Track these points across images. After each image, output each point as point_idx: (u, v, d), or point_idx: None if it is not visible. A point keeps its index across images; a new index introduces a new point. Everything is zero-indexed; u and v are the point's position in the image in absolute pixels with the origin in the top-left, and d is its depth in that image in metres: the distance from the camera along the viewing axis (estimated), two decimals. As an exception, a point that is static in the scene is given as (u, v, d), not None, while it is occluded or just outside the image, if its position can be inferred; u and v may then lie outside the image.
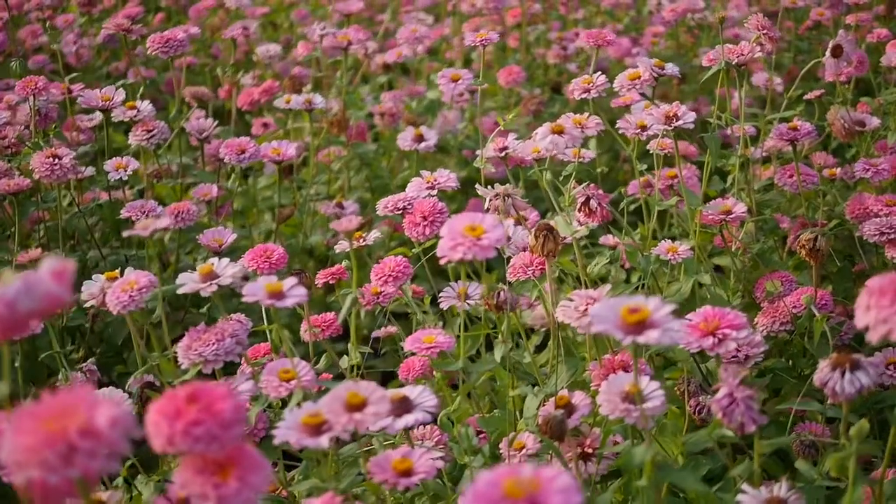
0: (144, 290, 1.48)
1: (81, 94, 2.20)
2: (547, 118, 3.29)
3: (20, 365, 1.96)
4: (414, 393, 1.35)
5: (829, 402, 1.37)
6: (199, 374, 1.44)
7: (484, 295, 1.60)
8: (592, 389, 1.56)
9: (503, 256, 1.92)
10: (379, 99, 3.15)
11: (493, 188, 1.74)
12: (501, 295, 1.54)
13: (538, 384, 1.63)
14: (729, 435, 1.35)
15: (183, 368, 1.44)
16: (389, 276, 1.78)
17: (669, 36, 3.81)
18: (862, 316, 1.09)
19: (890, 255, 2.08)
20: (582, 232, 1.65)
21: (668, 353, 1.92)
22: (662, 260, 1.95)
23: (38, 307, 0.87)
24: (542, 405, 1.57)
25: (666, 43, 3.76)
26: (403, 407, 1.34)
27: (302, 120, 2.95)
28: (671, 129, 1.79)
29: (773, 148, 2.39)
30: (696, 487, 1.34)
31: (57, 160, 2.06)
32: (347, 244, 1.95)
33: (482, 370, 1.54)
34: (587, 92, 2.05)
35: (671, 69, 2.16)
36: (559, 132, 1.62)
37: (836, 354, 1.32)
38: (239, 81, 3.39)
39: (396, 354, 2.03)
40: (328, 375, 1.93)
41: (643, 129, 1.97)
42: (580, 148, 2.16)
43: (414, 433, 1.68)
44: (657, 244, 1.98)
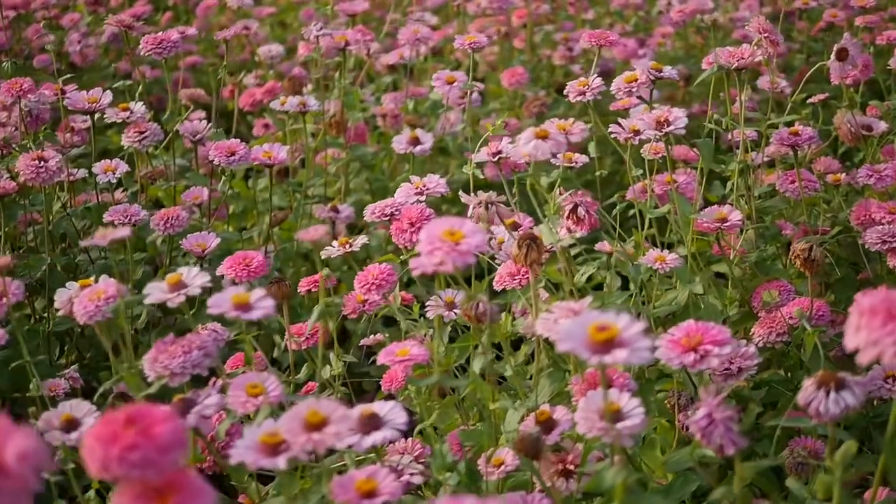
0: (112, 300, 1.44)
1: (68, 96, 2.16)
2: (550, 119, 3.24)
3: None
4: (384, 409, 1.31)
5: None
6: (166, 387, 1.40)
7: (462, 305, 1.55)
8: (574, 404, 1.51)
9: (496, 265, 1.88)
10: (381, 100, 3.10)
11: (476, 195, 1.70)
12: (481, 306, 1.49)
13: (521, 397, 1.59)
14: (712, 454, 1.30)
15: (149, 381, 1.40)
16: (373, 284, 1.74)
17: (679, 37, 3.75)
18: (852, 337, 1.04)
19: (892, 263, 2.03)
20: (566, 242, 1.60)
21: (660, 364, 1.88)
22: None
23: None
24: (523, 420, 1.52)
25: (674, 44, 3.70)
26: (372, 424, 1.29)
27: (302, 121, 2.91)
28: (662, 134, 1.74)
29: (775, 153, 2.34)
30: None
31: (43, 163, 2.02)
32: (333, 250, 1.92)
33: (458, 384, 1.49)
34: (583, 94, 2.00)
35: (669, 72, 2.11)
36: (543, 137, 1.57)
37: (821, 373, 1.26)
38: (241, 82, 3.36)
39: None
40: (314, 385, 1.90)
41: (636, 133, 1.92)
42: (574, 153, 2.15)
43: (395, 446, 1.64)
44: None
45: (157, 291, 1.41)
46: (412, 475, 1.52)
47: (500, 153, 2.16)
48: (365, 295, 1.74)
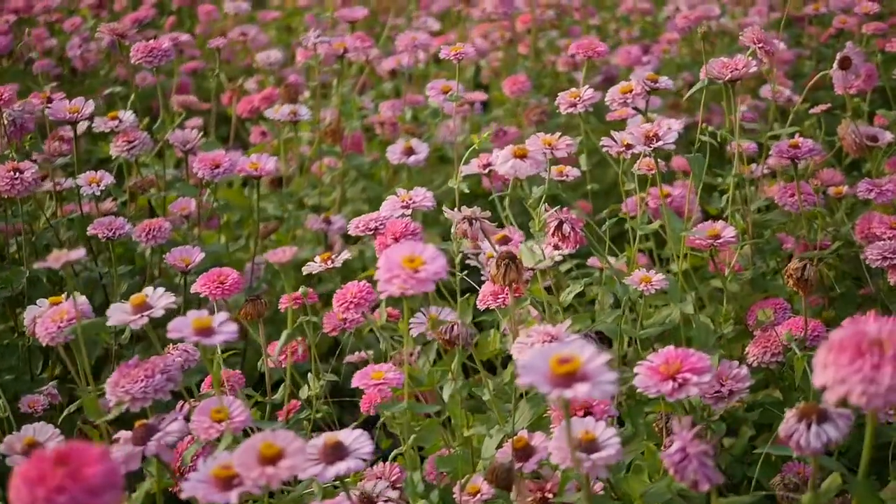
0: (72, 321, 1.40)
1: (50, 106, 2.12)
2: (552, 128, 3.19)
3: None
4: (349, 438, 1.26)
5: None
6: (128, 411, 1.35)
7: (430, 328, 1.50)
8: (552, 432, 1.46)
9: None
10: (379, 108, 3.06)
11: (459, 210, 1.65)
12: (454, 329, 1.45)
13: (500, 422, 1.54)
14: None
15: (111, 406, 1.36)
16: (352, 302, 1.69)
17: (685, 43, 3.69)
18: (819, 373, 0.99)
19: (893, 280, 1.97)
20: (546, 262, 1.55)
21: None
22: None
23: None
24: (501, 446, 1.48)
25: (679, 51, 3.63)
26: (337, 453, 1.24)
27: (299, 129, 2.87)
28: (651, 149, 1.68)
29: (776, 165, 2.28)
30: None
31: (18, 174, 1.98)
32: (315, 266, 1.88)
33: (428, 410, 1.44)
34: (573, 106, 1.95)
35: (664, 83, 2.05)
36: (521, 156, 1.52)
37: (803, 404, 1.21)
38: (241, 87, 3.32)
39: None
40: (296, 404, 1.85)
41: (628, 147, 1.87)
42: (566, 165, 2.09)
43: (373, 470, 1.59)
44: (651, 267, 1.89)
45: (119, 313, 1.37)
46: (386, 502, 1.47)
47: (489, 165, 2.11)
48: (343, 314, 1.69)
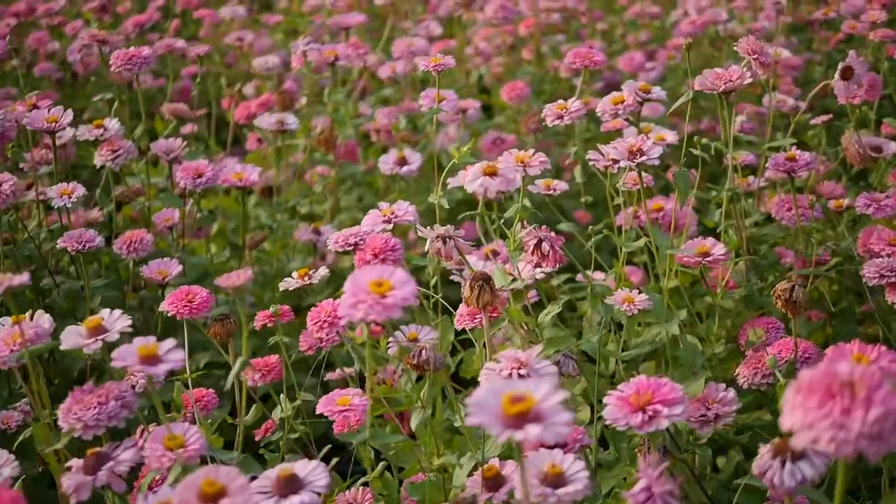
0: (29, 343, 1.35)
1: (27, 115, 2.07)
2: (551, 135, 3.13)
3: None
4: (304, 470, 1.21)
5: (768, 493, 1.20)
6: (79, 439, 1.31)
7: (398, 354, 1.45)
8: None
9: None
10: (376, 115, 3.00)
11: (433, 229, 1.59)
12: (423, 354, 1.39)
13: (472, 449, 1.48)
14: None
15: (64, 433, 1.31)
16: (325, 321, 1.64)
17: (694, 48, 3.62)
18: (787, 416, 0.93)
19: (891, 300, 1.90)
20: (518, 284, 1.49)
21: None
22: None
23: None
24: (472, 474, 1.42)
25: (684, 56, 3.56)
26: (290, 486, 1.19)
27: (293, 136, 2.82)
28: (635, 164, 1.63)
29: (773, 178, 2.22)
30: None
31: (-4, 186, 1.94)
32: (292, 281, 1.82)
33: (390, 441, 1.39)
34: (560, 118, 1.90)
35: (657, 93, 2.00)
36: (491, 174, 1.47)
37: (778, 440, 1.15)
38: (240, 92, 3.27)
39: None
40: (272, 423, 1.80)
41: (615, 161, 1.81)
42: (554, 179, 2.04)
43: (345, 495, 1.55)
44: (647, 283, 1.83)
45: (73, 336, 1.32)
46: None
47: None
48: (317, 333, 1.64)
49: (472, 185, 1.47)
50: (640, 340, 1.85)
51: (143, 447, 1.29)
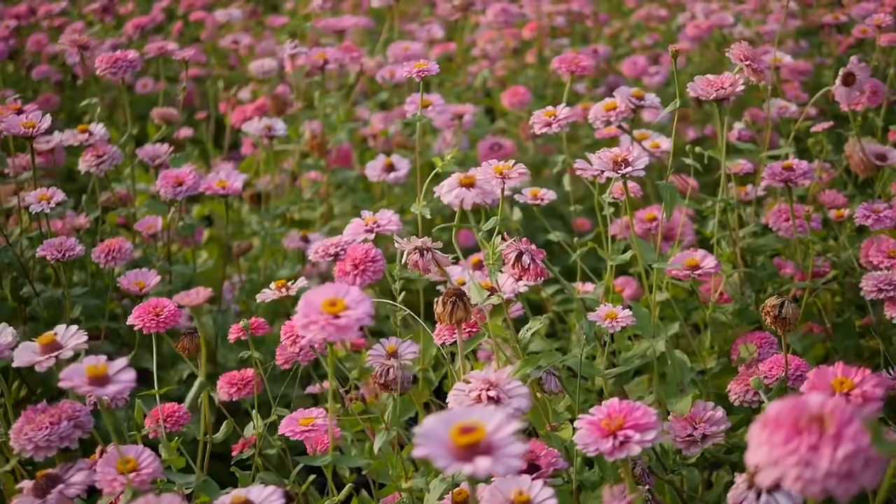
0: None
1: (3, 120, 2.02)
2: (551, 140, 3.07)
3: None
4: (261, 496, 1.16)
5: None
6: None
7: (359, 376, 1.39)
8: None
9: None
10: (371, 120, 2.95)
11: (409, 240, 1.54)
12: (390, 372, 1.34)
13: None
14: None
15: (14, 454, 1.26)
16: (298, 335, 1.59)
17: (703, 51, 3.56)
18: (752, 452, 0.87)
19: (890, 314, 1.84)
20: (494, 300, 1.43)
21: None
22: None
23: None
24: (442, 497, 1.36)
25: (689, 61, 3.50)
26: (244, 513, 1.14)
27: (288, 141, 2.77)
28: (619, 176, 1.57)
29: (770, 187, 2.16)
30: None
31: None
32: (270, 293, 1.77)
33: (357, 464, 1.33)
34: (549, 126, 1.84)
35: (651, 100, 1.94)
36: (468, 185, 1.41)
37: (754, 468, 1.09)
38: (235, 96, 3.23)
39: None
40: (254, 438, 1.75)
41: (603, 171, 1.75)
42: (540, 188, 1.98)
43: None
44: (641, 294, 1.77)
45: (26, 353, 1.27)
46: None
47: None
48: (290, 347, 1.58)
49: (447, 196, 1.41)
50: (629, 355, 1.79)
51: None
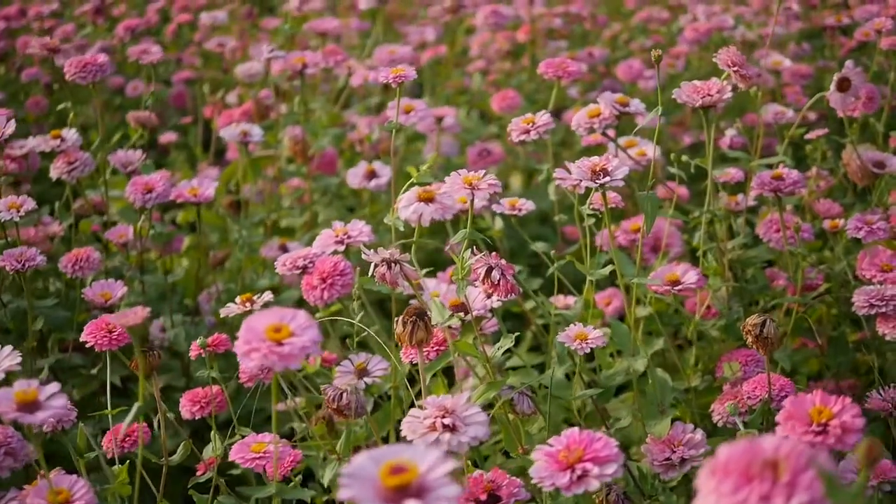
0: None
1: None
2: (541, 146, 3.00)
3: None
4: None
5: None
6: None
7: (303, 405, 1.33)
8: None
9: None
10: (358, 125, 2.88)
11: (377, 252, 1.47)
12: (344, 397, 1.27)
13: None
14: None
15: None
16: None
17: (702, 54, 3.49)
18: (702, 499, 0.80)
19: (882, 331, 1.76)
20: (453, 321, 1.36)
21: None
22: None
23: None
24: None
25: (688, 64, 3.43)
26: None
27: (271, 147, 2.70)
28: (597, 186, 1.49)
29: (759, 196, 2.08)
30: None
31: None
32: (234, 308, 1.70)
33: (299, 497, 1.26)
34: (527, 133, 1.77)
35: (636, 106, 1.87)
36: (427, 200, 1.34)
37: None
38: (222, 100, 3.16)
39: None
40: (213, 460, 1.68)
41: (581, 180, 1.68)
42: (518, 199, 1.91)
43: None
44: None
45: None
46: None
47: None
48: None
49: (404, 211, 1.34)
50: (610, 372, 1.72)
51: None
